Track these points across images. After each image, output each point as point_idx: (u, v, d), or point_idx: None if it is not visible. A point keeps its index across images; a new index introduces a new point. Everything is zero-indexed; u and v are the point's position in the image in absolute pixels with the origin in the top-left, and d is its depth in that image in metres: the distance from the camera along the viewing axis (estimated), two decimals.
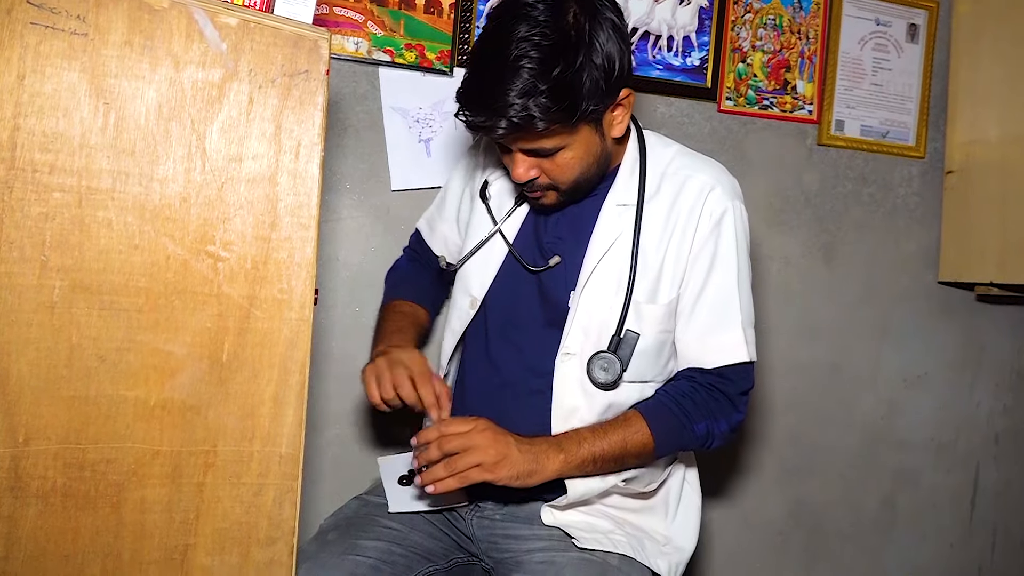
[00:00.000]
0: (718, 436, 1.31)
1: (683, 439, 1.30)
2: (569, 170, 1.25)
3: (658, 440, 1.27)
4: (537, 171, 1.25)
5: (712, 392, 1.31)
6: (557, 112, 1.15)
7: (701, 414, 1.29)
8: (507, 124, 1.15)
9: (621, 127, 1.29)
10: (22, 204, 0.74)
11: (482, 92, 1.17)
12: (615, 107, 1.26)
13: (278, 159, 0.82)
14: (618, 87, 1.23)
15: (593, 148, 1.26)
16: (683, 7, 1.96)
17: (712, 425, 1.30)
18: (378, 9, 1.72)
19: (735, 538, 2.15)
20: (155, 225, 0.78)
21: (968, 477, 2.40)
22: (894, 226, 2.25)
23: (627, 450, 1.25)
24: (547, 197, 1.30)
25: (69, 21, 0.75)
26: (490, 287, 1.38)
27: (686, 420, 1.28)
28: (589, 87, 1.16)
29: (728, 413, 1.31)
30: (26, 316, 0.75)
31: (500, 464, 1.16)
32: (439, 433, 1.18)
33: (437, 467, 1.16)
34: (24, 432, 0.76)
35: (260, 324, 0.82)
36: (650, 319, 1.29)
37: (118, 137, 0.77)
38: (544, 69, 1.13)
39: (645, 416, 1.27)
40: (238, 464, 0.83)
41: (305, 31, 0.82)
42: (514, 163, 1.25)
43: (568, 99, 1.15)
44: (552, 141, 1.20)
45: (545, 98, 1.13)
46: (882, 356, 2.27)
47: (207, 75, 0.79)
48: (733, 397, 1.32)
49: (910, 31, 2.19)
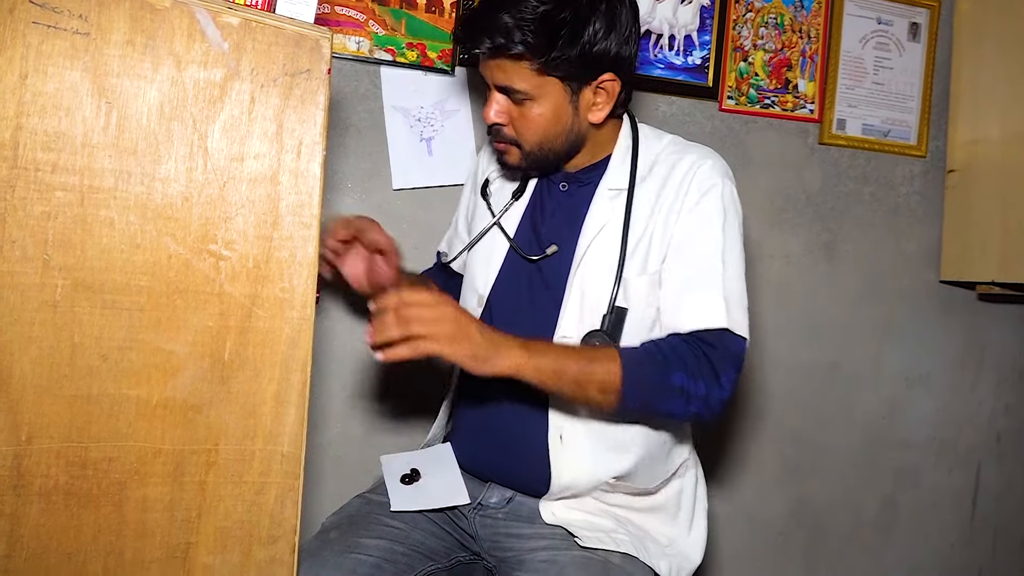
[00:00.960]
0: (694, 399, 1.21)
1: (655, 384, 1.21)
2: (535, 128, 1.29)
3: (627, 375, 1.20)
4: (506, 118, 1.30)
5: (695, 352, 1.23)
6: (531, 45, 1.21)
7: (679, 365, 1.21)
8: (489, 43, 1.22)
9: (600, 114, 1.31)
10: (24, 203, 0.74)
11: (481, 13, 1.24)
12: (596, 89, 1.29)
13: (280, 158, 0.82)
14: (599, 64, 1.27)
15: (563, 116, 1.29)
16: (684, 6, 1.96)
17: (690, 383, 1.21)
18: (379, 8, 1.72)
19: (736, 537, 2.15)
20: (157, 224, 0.79)
21: (969, 477, 2.40)
22: (895, 225, 2.25)
23: (592, 374, 1.19)
24: (510, 154, 1.34)
25: (71, 20, 0.75)
26: (494, 283, 1.40)
27: (662, 364, 1.21)
28: (567, 40, 1.22)
29: (709, 379, 1.22)
30: (28, 315, 0.75)
31: (456, 339, 1.12)
32: (399, 300, 1.13)
33: (391, 328, 1.12)
34: (27, 430, 0.76)
35: (262, 323, 0.82)
36: (638, 293, 1.29)
37: (120, 136, 0.77)
38: (536, 4, 1.20)
39: (620, 351, 1.23)
40: (240, 463, 0.83)
41: (307, 30, 0.82)
42: (489, 103, 1.30)
43: (544, 38, 1.21)
44: (522, 82, 1.25)
45: (527, 25, 1.20)
46: (883, 355, 2.27)
47: (209, 74, 0.79)
48: (716, 363, 1.23)
49: (912, 30, 2.19)
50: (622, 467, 1.31)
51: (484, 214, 1.46)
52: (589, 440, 1.30)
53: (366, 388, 1.82)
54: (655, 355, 1.22)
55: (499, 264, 1.40)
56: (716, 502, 2.10)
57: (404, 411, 1.85)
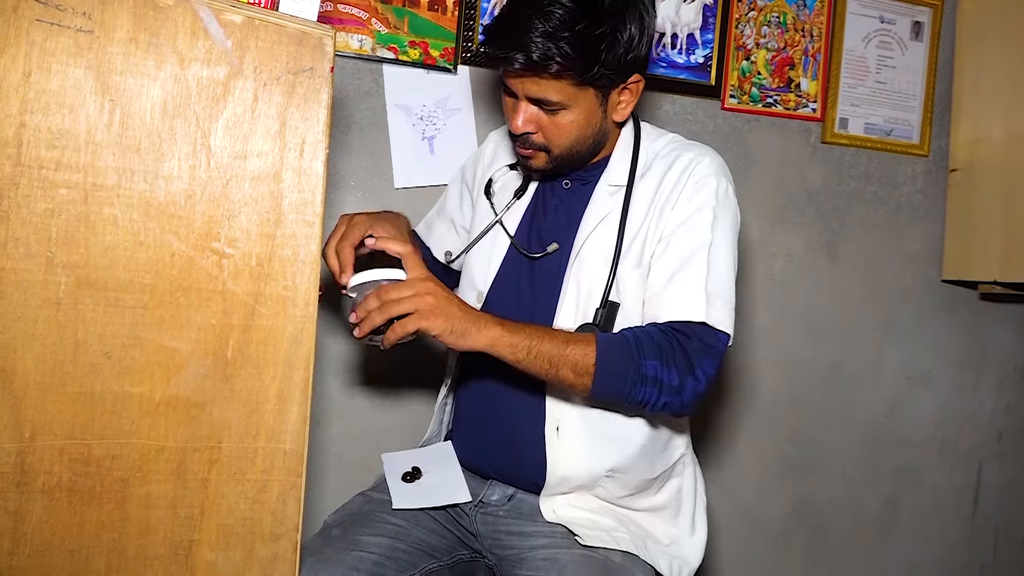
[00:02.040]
0: (667, 389, 1.20)
1: (629, 371, 1.20)
2: (566, 134, 1.29)
3: (601, 358, 1.20)
4: (534, 127, 1.29)
5: (671, 342, 1.22)
6: (574, 61, 1.20)
7: (653, 353, 1.20)
8: (525, 59, 1.20)
9: (625, 111, 1.33)
10: (28, 200, 0.75)
11: (509, 27, 1.22)
12: (623, 89, 1.31)
13: (283, 156, 0.82)
14: (631, 69, 1.28)
15: (593, 120, 1.29)
16: (687, 5, 1.96)
17: (663, 373, 1.20)
18: (382, 6, 1.72)
19: (737, 536, 2.15)
20: (160, 222, 0.79)
21: (970, 476, 2.40)
22: (897, 224, 2.25)
23: (566, 355, 1.19)
24: (537, 159, 1.33)
25: (75, 18, 0.75)
26: (493, 280, 1.40)
27: (637, 351, 1.20)
28: (607, 53, 1.22)
29: (683, 369, 1.21)
30: (32, 312, 0.76)
31: (436, 313, 1.14)
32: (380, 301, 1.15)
33: (373, 313, 1.14)
34: (30, 427, 0.77)
35: (265, 321, 0.83)
36: (630, 287, 1.29)
37: (123, 134, 0.77)
38: (572, 20, 1.19)
39: (597, 335, 1.24)
40: (242, 460, 0.83)
41: (310, 28, 0.83)
42: (516, 111, 1.28)
43: (586, 53, 1.20)
44: (559, 94, 1.24)
45: (567, 44, 1.19)
46: (885, 354, 2.27)
47: (212, 72, 0.80)
48: (691, 355, 1.21)
49: (914, 29, 2.19)
50: (618, 459, 1.31)
51: (487, 213, 1.46)
52: (585, 432, 1.30)
53: (368, 386, 1.83)
54: (630, 341, 1.22)
55: (499, 261, 1.41)
56: (717, 501, 2.10)
57: (406, 409, 1.85)
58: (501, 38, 1.23)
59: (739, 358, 2.12)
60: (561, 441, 1.30)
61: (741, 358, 2.12)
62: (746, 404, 2.14)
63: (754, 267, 2.11)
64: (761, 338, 2.13)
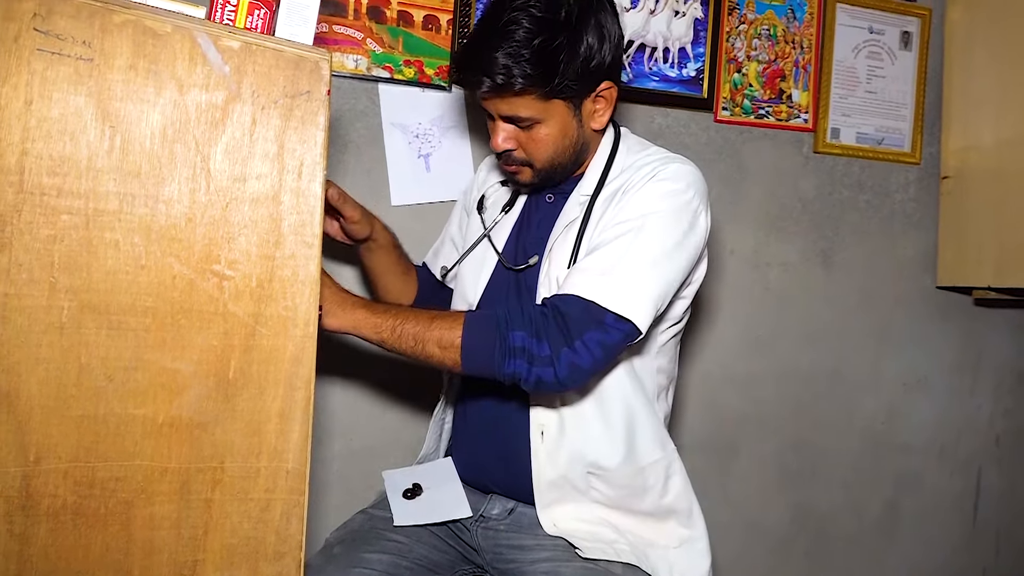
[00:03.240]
0: (539, 360, 1.19)
1: (494, 341, 1.20)
2: (544, 147, 1.32)
3: (467, 332, 1.21)
4: (514, 143, 1.32)
5: (547, 315, 1.21)
6: (534, 77, 1.23)
7: (521, 324, 1.20)
8: (490, 83, 1.24)
9: (602, 119, 1.35)
10: (31, 227, 0.75)
11: (474, 53, 1.27)
12: (596, 97, 1.33)
13: (281, 178, 0.83)
14: (597, 77, 1.30)
15: (569, 131, 1.32)
16: (678, 19, 1.98)
17: (532, 343, 1.19)
18: (377, 26, 1.74)
19: (738, 544, 2.15)
20: (161, 245, 0.80)
21: (970, 480, 2.40)
22: (891, 231, 2.26)
23: (431, 331, 1.21)
24: (523, 174, 1.36)
25: (75, 47, 0.76)
26: (483, 292, 1.42)
27: (504, 324, 1.21)
28: (567, 65, 1.25)
29: (557, 341, 1.19)
30: (36, 337, 0.76)
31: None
32: None
33: None
34: (35, 451, 0.77)
35: (265, 341, 0.83)
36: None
37: (124, 159, 0.78)
38: (530, 37, 1.22)
39: (467, 312, 1.27)
40: (245, 480, 0.84)
41: (306, 53, 0.84)
42: (495, 131, 1.33)
43: (545, 68, 1.23)
44: (528, 110, 1.27)
45: (526, 62, 1.22)
46: (882, 361, 2.28)
47: (211, 97, 0.81)
48: (571, 327, 1.19)
49: (903, 39, 2.21)
50: (595, 455, 1.31)
51: (478, 228, 1.49)
52: (563, 433, 1.31)
53: (368, 403, 1.83)
54: (499, 316, 1.23)
55: (489, 274, 1.43)
56: (718, 509, 2.10)
57: (406, 425, 1.86)
58: (468, 64, 1.28)
59: (737, 367, 2.13)
60: (544, 446, 1.31)
61: (739, 367, 2.13)
62: (745, 412, 2.15)
63: (750, 276, 2.12)
64: (758, 347, 2.14)
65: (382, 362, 1.79)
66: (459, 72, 1.31)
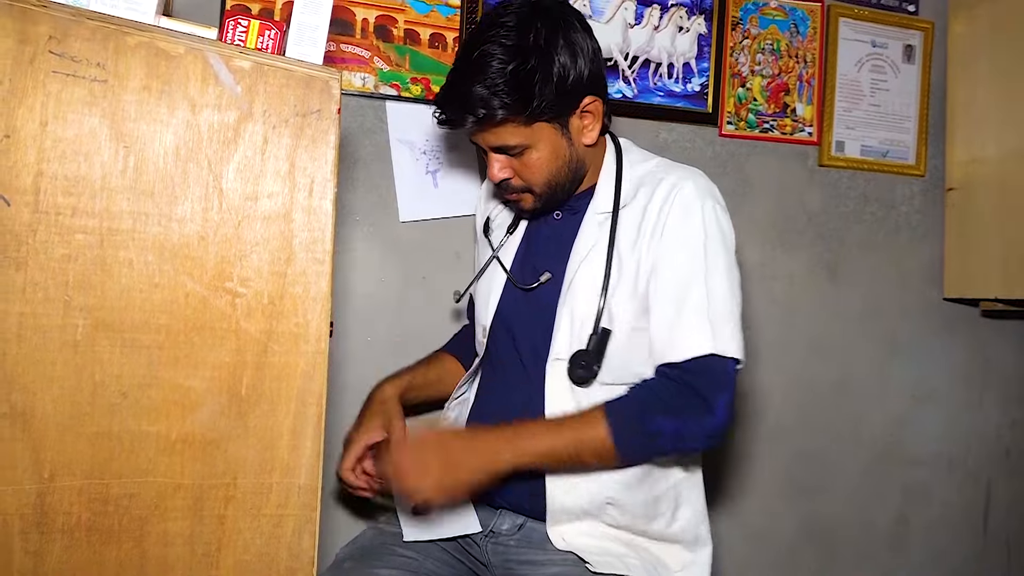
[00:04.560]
0: (690, 438, 1.25)
1: (647, 437, 1.24)
2: (538, 171, 1.32)
3: (618, 437, 1.23)
4: (510, 172, 1.34)
5: (682, 388, 1.25)
6: (512, 105, 1.25)
7: (666, 410, 1.24)
8: (472, 119, 1.26)
9: (592, 134, 1.36)
10: (46, 246, 0.76)
11: (451, 92, 1.30)
12: (582, 114, 1.34)
13: (293, 196, 0.84)
14: (577, 94, 1.31)
15: (560, 151, 1.33)
16: (682, 35, 1.99)
17: (682, 425, 1.24)
18: (384, 45, 1.76)
19: (746, 555, 2.14)
20: (174, 263, 0.81)
21: (980, 492, 2.39)
22: (897, 244, 2.26)
23: (582, 446, 1.24)
24: (524, 200, 1.37)
25: (89, 68, 0.78)
26: (495, 313, 1.42)
27: (649, 416, 1.24)
28: (542, 86, 1.26)
29: (701, 413, 1.24)
30: (51, 355, 0.77)
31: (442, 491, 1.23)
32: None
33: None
34: (49, 468, 0.78)
35: (277, 358, 0.84)
36: (623, 316, 1.31)
37: (138, 179, 0.79)
38: (502, 66, 1.24)
39: (606, 411, 1.25)
40: (258, 496, 0.84)
41: (316, 72, 0.85)
42: (490, 164, 1.34)
43: (520, 93, 1.25)
44: (514, 137, 1.29)
45: (502, 91, 1.24)
46: (889, 373, 2.27)
47: (223, 117, 0.82)
48: (706, 395, 1.24)
49: (906, 52, 2.22)
50: (616, 489, 1.30)
51: (486, 251, 1.51)
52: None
53: None
54: (637, 406, 1.25)
55: (499, 295, 1.43)
56: (725, 521, 2.10)
57: None
58: (448, 104, 1.30)
59: (744, 380, 2.12)
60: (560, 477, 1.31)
61: (746, 380, 2.12)
62: (752, 425, 2.14)
63: (756, 289, 2.12)
64: (765, 360, 2.14)
65: None
66: (442, 113, 1.32)
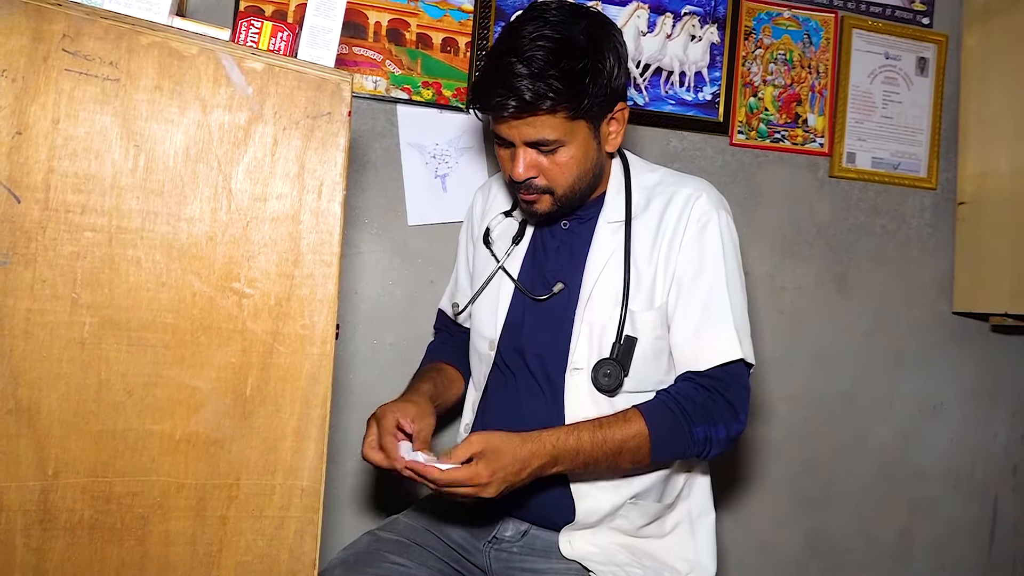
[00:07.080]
0: (716, 443, 1.30)
1: (681, 443, 1.28)
2: (568, 171, 1.31)
3: (655, 442, 1.26)
4: (536, 171, 1.31)
5: (712, 395, 1.30)
6: (564, 95, 1.24)
7: (701, 418, 1.28)
8: (518, 101, 1.23)
9: (616, 141, 1.37)
10: (55, 244, 0.77)
11: (495, 75, 1.26)
12: (611, 120, 1.35)
13: (301, 198, 0.84)
14: (615, 98, 1.33)
15: (591, 153, 1.33)
16: (695, 43, 1.99)
17: (711, 431, 1.28)
18: (396, 48, 1.76)
19: (752, 569, 2.13)
20: (182, 263, 0.81)
21: (986, 508, 2.37)
22: (907, 257, 2.25)
23: (623, 449, 1.25)
24: (541, 202, 1.35)
25: (102, 67, 0.78)
26: (503, 325, 1.41)
27: (685, 423, 1.27)
28: (593, 85, 1.26)
29: (728, 420, 1.30)
30: (57, 352, 0.77)
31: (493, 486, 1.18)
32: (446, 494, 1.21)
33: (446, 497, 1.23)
34: (53, 465, 0.78)
35: (283, 359, 0.84)
36: (645, 325, 1.32)
37: (147, 178, 0.79)
38: (555, 59, 1.23)
39: (644, 416, 1.27)
40: (260, 497, 0.84)
41: (328, 75, 0.85)
42: (515, 159, 1.31)
43: (572, 88, 1.25)
44: (555, 131, 1.27)
45: (555, 80, 1.23)
46: (897, 386, 2.26)
47: (233, 118, 0.82)
48: (734, 402, 1.31)
49: (919, 64, 2.21)
50: (640, 485, 1.33)
51: (488, 262, 1.48)
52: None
53: None
54: (675, 413, 1.27)
55: (506, 307, 1.42)
56: (731, 534, 2.09)
57: None
58: (489, 88, 1.27)
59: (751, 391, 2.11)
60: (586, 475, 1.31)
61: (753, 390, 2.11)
62: (758, 437, 2.13)
63: (765, 300, 2.11)
64: (772, 371, 2.13)
65: (397, 380, 1.79)
66: (480, 95, 1.29)
